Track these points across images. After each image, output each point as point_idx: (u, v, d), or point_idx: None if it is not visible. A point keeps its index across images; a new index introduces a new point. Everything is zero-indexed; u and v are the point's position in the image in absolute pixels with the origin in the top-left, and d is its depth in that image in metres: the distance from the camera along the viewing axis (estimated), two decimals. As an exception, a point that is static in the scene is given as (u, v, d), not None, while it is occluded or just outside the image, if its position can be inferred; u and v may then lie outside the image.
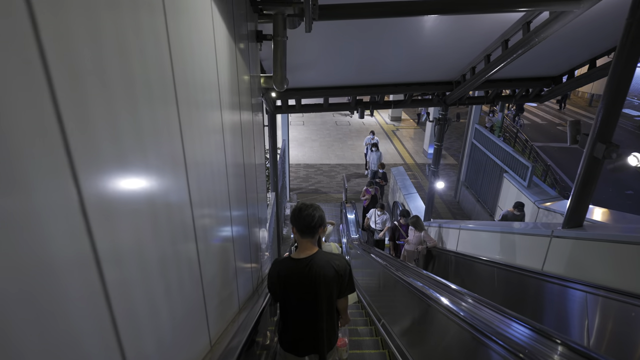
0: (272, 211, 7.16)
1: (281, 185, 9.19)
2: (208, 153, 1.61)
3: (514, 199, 8.31)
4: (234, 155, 2.20)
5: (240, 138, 2.41)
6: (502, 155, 8.97)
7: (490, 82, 6.61)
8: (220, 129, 1.85)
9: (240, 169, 2.39)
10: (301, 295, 2.14)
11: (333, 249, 4.10)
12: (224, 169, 1.92)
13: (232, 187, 2.11)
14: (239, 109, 2.38)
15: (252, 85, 2.94)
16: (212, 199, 1.69)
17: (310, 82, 6.42)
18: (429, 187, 7.79)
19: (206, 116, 1.61)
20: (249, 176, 2.70)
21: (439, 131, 7.14)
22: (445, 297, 2.47)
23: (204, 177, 1.54)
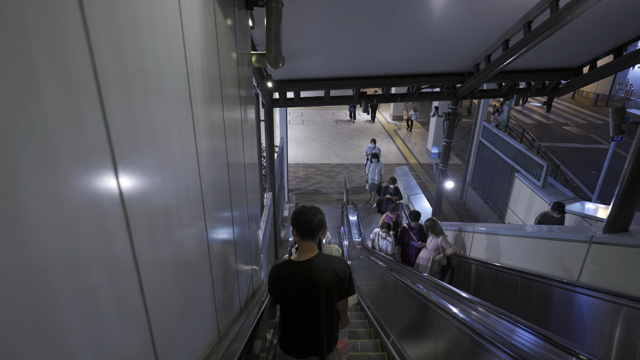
0: (269, 212, 6.66)
1: (279, 185, 8.68)
2: (162, 159, 1.10)
3: (526, 200, 7.80)
4: (213, 157, 1.71)
5: (223, 138, 1.91)
6: (513, 154, 8.46)
7: (505, 73, 6.12)
8: (190, 128, 1.36)
9: (222, 171, 1.90)
10: (301, 298, 2.14)
11: (333, 251, 3.99)
12: (196, 176, 1.44)
13: (211, 194, 1.65)
14: (220, 103, 1.87)
15: (241, 72, 2.44)
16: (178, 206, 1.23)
17: (310, 72, 5.92)
18: (436, 186, 7.29)
19: (163, 112, 1.11)
20: (235, 179, 2.20)
21: (449, 127, 6.64)
22: (482, 320, 1.96)
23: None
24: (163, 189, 1.10)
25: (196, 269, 1.44)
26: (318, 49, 5.11)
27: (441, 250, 5.12)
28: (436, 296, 2.41)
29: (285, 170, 10.55)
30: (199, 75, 1.47)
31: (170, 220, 1.16)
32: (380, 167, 10.23)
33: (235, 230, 2.22)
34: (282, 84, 6.06)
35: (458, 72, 6.06)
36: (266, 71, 5.19)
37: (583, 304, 3.14)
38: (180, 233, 1.29)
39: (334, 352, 2.36)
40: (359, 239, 7.74)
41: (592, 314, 3.06)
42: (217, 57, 1.78)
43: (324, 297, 2.12)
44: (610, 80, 22.16)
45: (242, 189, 2.47)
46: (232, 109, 2.14)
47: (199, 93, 1.47)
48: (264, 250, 5.97)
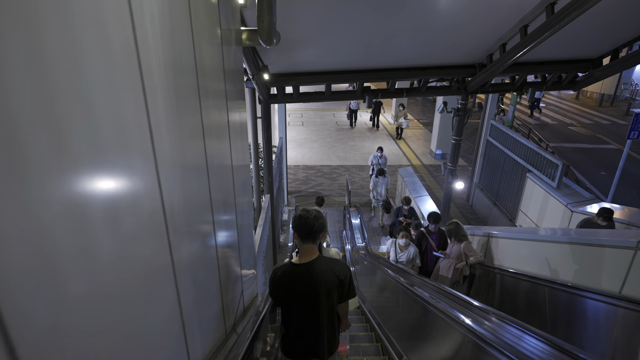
0: (267, 216, 6.22)
1: (277, 187, 8.25)
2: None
3: (539, 201, 7.37)
4: (182, 159, 1.28)
5: (201, 138, 1.48)
6: (524, 153, 8.03)
7: (518, 65, 5.70)
8: (145, 128, 0.95)
9: (198, 176, 1.46)
10: (302, 301, 2.14)
11: (333, 254, 3.93)
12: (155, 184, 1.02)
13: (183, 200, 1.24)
14: (196, 97, 1.43)
15: (227, 60, 2.02)
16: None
17: (310, 64, 5.51)
18: (445, 187, 6.86)
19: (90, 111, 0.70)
20: (218, 184, 1.76)
21: (458, 123, 6.22)
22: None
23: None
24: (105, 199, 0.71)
25: (150, 294, 1.01)
26: (318, 38, 4.70)
27: (464, 257, 4.53)
28: (466, 318, 1.97)
29: (284, 172, 10.13)
30: (158, 63, 1.05)
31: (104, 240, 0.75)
32: (387, 182, 9.27)
33: (219, 241, 1.78)
34: (280, 77, 5.65)
35: (469, 64, 5.65)
36: (262, 61, 4.78)
37: (627, 321, 2.71)
38: (127, 254, 0.86)
39: (335, 355, 2.36)
40: (362, 244, 7.29)
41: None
42: (190, 38, 1.35)
43: (325, 299, 2.13)
44: (615, 80, 21.82)
45: (229, 194, 2.04)
46: (213, 105, 1.71)
47: (159, 86, 1.05)
48: (260, 257, 5.54)
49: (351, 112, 16.95)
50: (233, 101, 2.23)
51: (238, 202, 2.31)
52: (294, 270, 2.15)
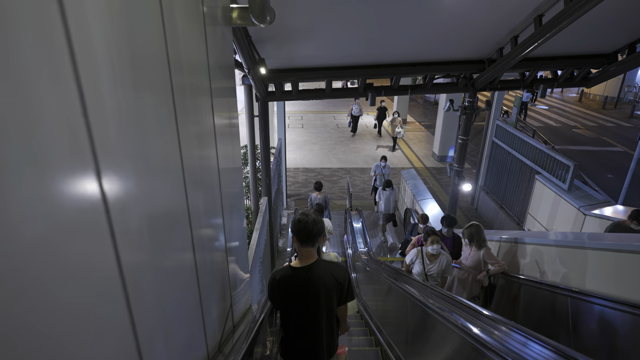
0: (264, 219, 5.91)
1: (276, 190, 7.94)
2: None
3: (549, 204, 7.05)
4: (147, 163, 0.98)
5: (177, 142, 1.18)
6: (532, 154, 7.73)
7: (529, 61, 5.41)
8: (81, 133, 0.65)
9: (173, 185, 1.16)
10: (301, 304, 2.15)
11: (332, 258, 3.91)
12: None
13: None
14: (169, 92, 1.12)
15: (212, 47, 1.72)
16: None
17: (309, 59, 5.22)
18: (451, 189, 6.55)
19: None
20: (198, 190, 1.45)
21: (465, 122, 5.92)
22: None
23: None
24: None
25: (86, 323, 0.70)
26: (317, 29, 4.42)
27: (483, 266, 3.98)
28: (493, 340, 1.66)
29: (283, 174, 9.82)
30: (110, 51, 0.75)
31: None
32: (395, 195, 8.34)
33: (199, 256, 1.47)
34: (278, 73, 5.36)
35: (477, 59, 5.36)
36: (258, 54, 4.49)
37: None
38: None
39: (334, 358, 2.36)
40: (364, 249, 6.97)
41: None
42: (158, 19, 1.04)
43: (324, 302, 2.14)
44: (619, 82, 21.61)
45: (214, 203, 1.73)
46: (193, 104, 1.40)
47: (107, 82, 0.76)
48: (257, 263, 5.22)
49: (353, 118, 15.90)
50: (221, 98, 1.94)
51: (227, 210, 2.00)
52: (293, 274, 2.16)
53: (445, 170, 12.83)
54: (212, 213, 1.71)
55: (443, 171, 12.82)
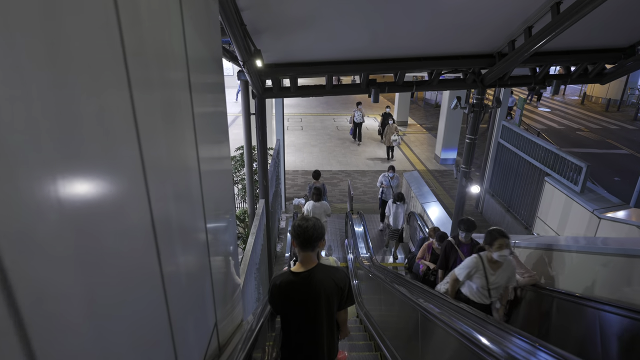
0: (261, 223, 5.58)
1: (274, 192, 7.62)
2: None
3: (560, 207, 6.73)
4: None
5: (134, 139, 0.87)
6: (541, 155, 7.42)
7: (541, 55, 5.11)
8: None
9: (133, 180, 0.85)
10: (301, 308, 2.15)
11: (331, 262, 3.79)
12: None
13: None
14: (125, 87, 0.82)
15: (193, 43, 1.42)
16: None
17: (308, 52, 4.92)
18: (458, 191, 6.23)
19: None
20: (158, 201, 1.13)
21: (473, 121, 5.61)
22: None
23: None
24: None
25: None
26: (317, 19, 4.11)
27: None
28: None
29: (282, 177, 9.50)
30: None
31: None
32: (406, 209, 7.56)
33: (167, 267, 1.14)
34: (276, 68, 5.05)
35: (487, 53, 5.06)
36: (254, 45, 4.18)
37: None
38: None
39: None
40: (366, 254, 6.64)
41: None
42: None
43: (325, 307, 2.14)
44: (622, 85, 21.42)
45: (191, 205, 1.42)
46: (158, 98, 1.09)
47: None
48: (253, 269, 4.89)
49: (355, 125, 14.69)
50: (204, 94, 1.64)
51: (211, 216, 1.68)
52: (293, 279, 2.16)
53: (448, 173, 12.52)
54: (188, 219, 1.39)
55: (446, 174, 12.51)
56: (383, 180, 8.52)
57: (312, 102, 22.89)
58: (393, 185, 8.38)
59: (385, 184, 8.45)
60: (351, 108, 21.72)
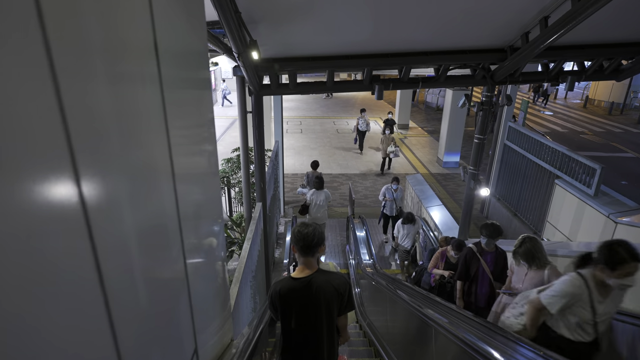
0: (257, 228, 5.26)
1: (272, 195, 7.30)
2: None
3: (572, 211, 6.42)
4: None
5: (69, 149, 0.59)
6: (551, 157, 7.13)
7: (554, 50, 4.82)
8: None
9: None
10: (301, 314, 2.16)
11: (331, 268, 3.69)
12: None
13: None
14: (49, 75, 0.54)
15: (165, 32, 1.16)
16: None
17: (307, 46, 4.63)
18: (465, 194, 5.92)
19: None
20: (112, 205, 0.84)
21: (483, 120, 5.31)
22: None
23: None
24: None
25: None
26: (317, 8, 3.82)
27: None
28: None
29: (280, 179, 9.19)
30: None
31: None
32: (418, 229, 6.86)
33: (116, 286, 0.83)
34: (274, 63, 4.75)
35: (498, 47, 4.77)
36: (249, 35, 3.89)
37: None
38: None
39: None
40: (369, 260, 6.31)
41: None
42: None
43: (325, 312, 2.15)
44: (625, 88, 21.24)
45: (160, 211, 1.12)
46: (112, 93, 0.83)
47: None
48: (248, 277, 4.56)
49: (360, 133, 13.79)
50: (182, 90, 1.36)
51: (189, 225, 1.37)
52: (293, 284, 2.16)
53: (451, 177, 12.23)
54: (155, 227, 1.09)
55: (449, 177, 12.21)
56: (386, 192, 7.79)
57: (312, 105, 22.64)
58: (397, 198, 7.72)
59: (388, 197, 7.75)
60: (351, 111, 21.49)
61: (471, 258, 3.76)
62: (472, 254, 3.76)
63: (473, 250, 3.77)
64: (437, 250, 4.56)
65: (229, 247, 6.24)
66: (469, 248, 3.81)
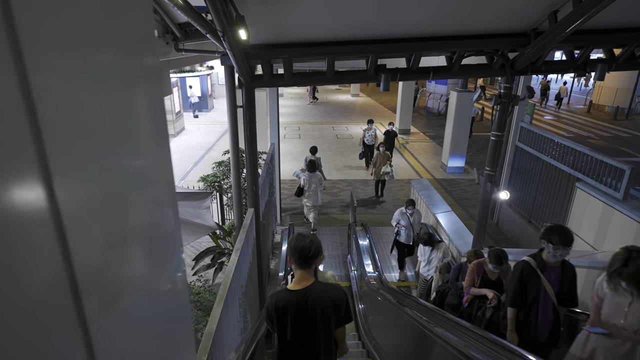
0: (248, 237, 4.65)
1: (267, 201, 6.70)
2: None
3: (597, 217, 5.83)
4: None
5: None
6: (571, 159, 6.57)
7: (582, 34, 4.29)
8: None
9: None
10: (298, 327, 2.14)
11: (329, 277, 3.57)
12: None
13: None
14: None
15: None
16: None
17: (304, 29, 4.08)
18: (481, 198, 5.32)
19: None
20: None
21: (500, 115, 4.75)
22: None
23: None
24: None
25: None
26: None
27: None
28: None
29: (276, 184, 8.59)
30: None
31: None
32: (444, 256, 5.54)
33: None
34: (266, 49, 4.21)
35: (519, 31, 4.23)
36: (236, 9, 3.33)
37: None
38: None
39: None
40: (374, 273, 5.68)
41: None
42: None
43: (321, 325, 2.14)
44: (630, 93, 20.88)
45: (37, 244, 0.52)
46: None
47: None
48: (236, 294, 3.94)
49: (366, 147, 11.94)
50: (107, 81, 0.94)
51: (126, 249, 0.78)
52: (289, 296, 2.14)
53: (456, 182, 11.65)
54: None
55: (454, 183, 11.63)
56: (400, 218, 6.39)
57: (310, 110, 22.16)
58: (414, 223, 6.37)
59: (403, 223, 6.35)
60: (350, 116, 20.97)
61: (529, 276, 2.88)
62: (530, 271, 2.88)
63: (531, 265, 2.88)
64: (472, 263, 3.81)
65: (218, 258, 5.62)
66: (525, 262, 2.94)
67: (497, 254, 3.52)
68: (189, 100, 19.09)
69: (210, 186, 6.91)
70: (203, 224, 4.94)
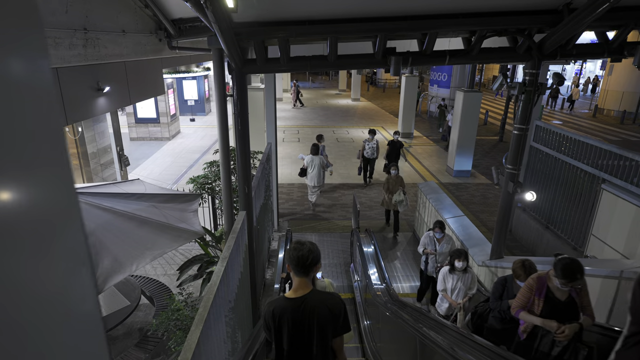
0: (239, 243, 4.05)
1: (262, 204, 6.11)
2: None
3: (628, 222, 5.24)
4: None
5: None
6: (595, 158, 6.01)
7: (619, 11, 3.75)
8: None
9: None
10: (295, 335, 2.13)
11: (327, 285, 3.51)
12: None
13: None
14: None
15: None
16: None
17: (304, 5, 3.54)
18: (501, 200, 4.75)
19: None
20: None
21: (525, 105, 4.20)
22: None
23: None
24: None
25: None
26: None
27: None
28: None
29: (273, 187, 8.00)
30: None
31: None
32: (472, 280, 4.59)
33: None
34: (259, 28, 3.67)
35: (548, 7, 3.69)
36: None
37: None
38: None
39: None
40: (381, 285, 5.08)
41: None
42: None
43: (318, 334, 2.11)
44: (637, 96, 20.48)
45: None
46: None
47: None
48: (223, 310, 3.34)
49: (365, 162, 10.63)
50: None
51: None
52: (286, 305, 2.12)
53: (464, 186, 11.08)
54: None
55: (462, 187, 11.06)
56: (428, 243, 5.44)
57: (310, 114, 21.67)
58: (443, 251, 5.35)
59: (430, 249, 5.42)
60: (351, 120, 20.45)
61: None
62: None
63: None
64: (532, 277, 2.72)
65: (206, 267, 5.01)
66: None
67: (570, 265, 2.58)
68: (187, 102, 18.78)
69: (201, 188, 6.33)
70: (188, 229, 4.35)
